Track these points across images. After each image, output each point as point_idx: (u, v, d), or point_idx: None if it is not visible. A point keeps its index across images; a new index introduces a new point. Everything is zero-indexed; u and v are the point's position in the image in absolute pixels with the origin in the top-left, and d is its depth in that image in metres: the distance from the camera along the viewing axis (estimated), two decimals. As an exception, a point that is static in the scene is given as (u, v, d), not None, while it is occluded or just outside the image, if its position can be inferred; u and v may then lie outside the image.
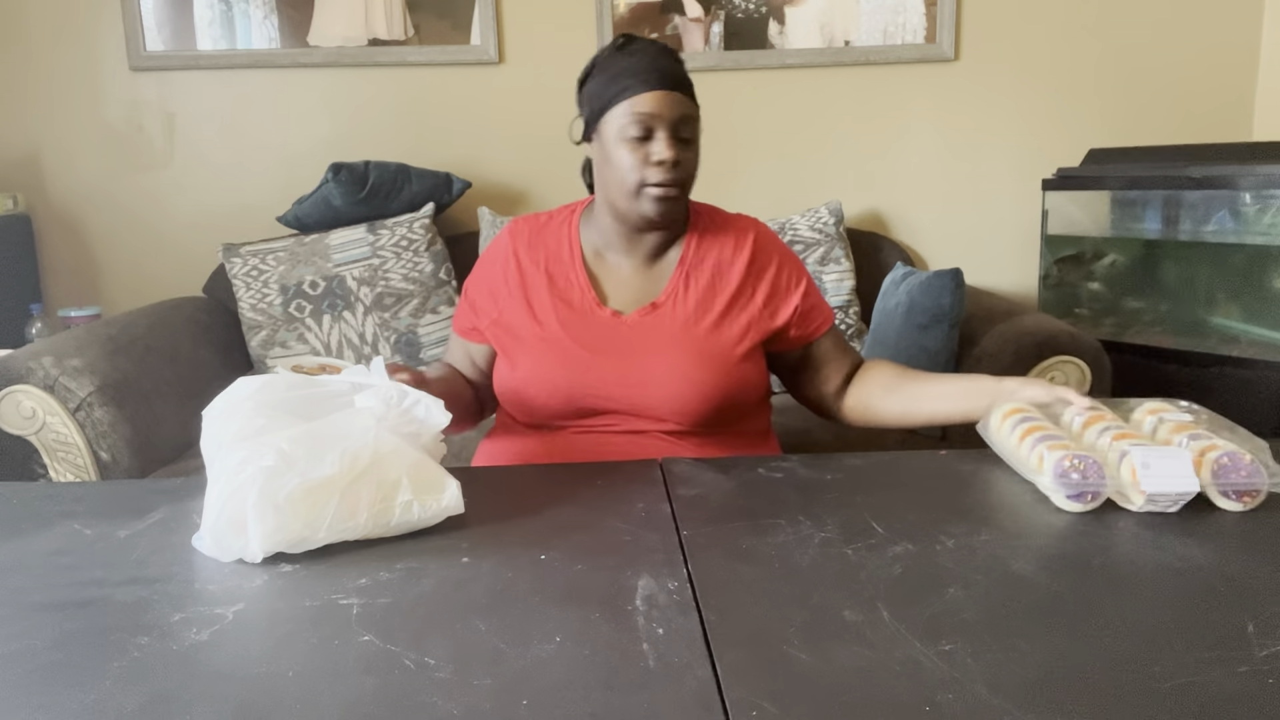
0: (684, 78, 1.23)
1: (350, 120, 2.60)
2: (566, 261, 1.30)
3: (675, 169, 1.19)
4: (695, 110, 1.23)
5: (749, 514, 0.94)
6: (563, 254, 1.31)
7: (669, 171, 1.19)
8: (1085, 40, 2.62)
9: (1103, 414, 1.04)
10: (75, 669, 0.67)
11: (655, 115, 1.19)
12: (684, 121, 1.20)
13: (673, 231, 1.30)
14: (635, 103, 1.19)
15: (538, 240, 1.33)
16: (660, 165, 1.19)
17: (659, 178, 1.19)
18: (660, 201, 1.21)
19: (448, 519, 0.92)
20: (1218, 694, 0.61)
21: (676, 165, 1.19)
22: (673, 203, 1.22)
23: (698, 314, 1.26)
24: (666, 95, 1.19)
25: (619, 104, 1.20)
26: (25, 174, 2.58)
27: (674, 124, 1.20)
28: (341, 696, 0.63)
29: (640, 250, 1.30)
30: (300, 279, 2.28)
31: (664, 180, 1.19)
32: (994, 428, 1.07)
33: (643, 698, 0.62)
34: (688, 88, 1.23)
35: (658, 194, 1.20)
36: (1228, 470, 0.92)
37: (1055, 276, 2.50)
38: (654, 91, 1.19)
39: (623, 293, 1.29)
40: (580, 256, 1.31)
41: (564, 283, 1.29)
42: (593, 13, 2.53)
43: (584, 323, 1.26)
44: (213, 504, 0.85)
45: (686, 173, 1.22)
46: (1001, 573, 0.79)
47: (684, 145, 1.21)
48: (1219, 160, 2.22)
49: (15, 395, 1.77)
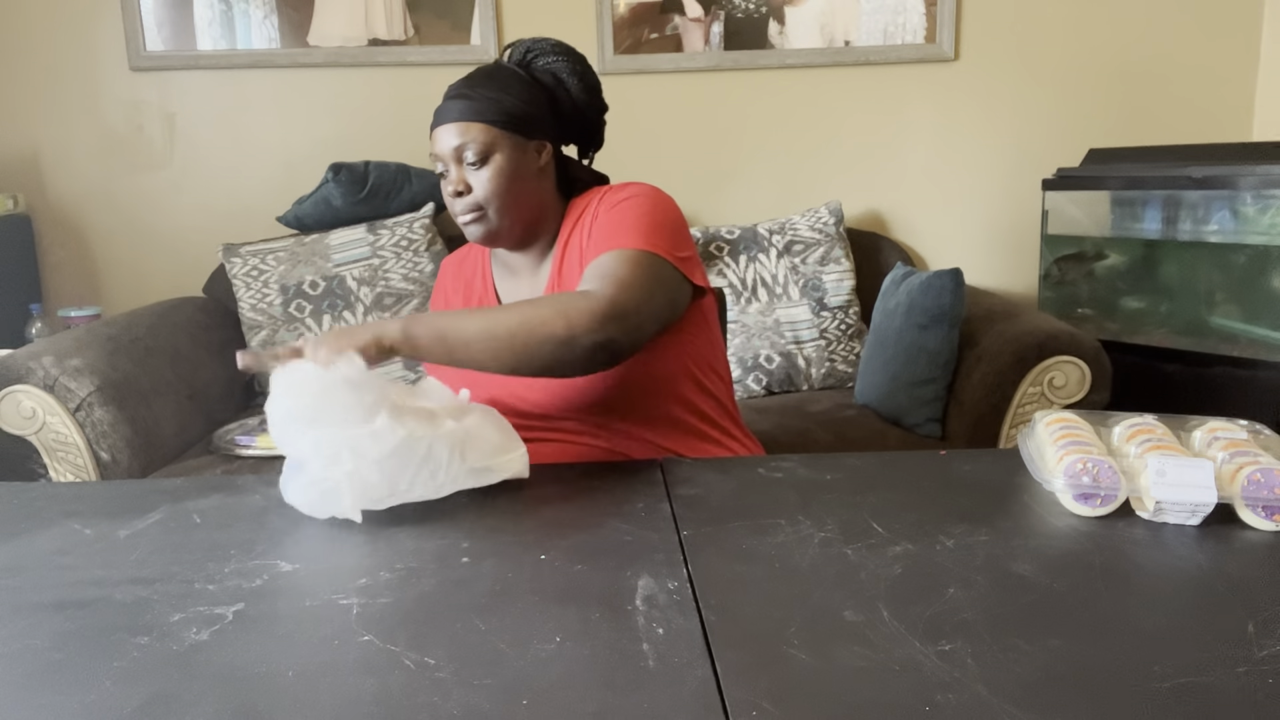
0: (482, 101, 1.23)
1: (350, 120, 2.60)
2: (480, 284, 1.37)
3: (468, 196, 1.24)
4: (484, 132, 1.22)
5: (749, 514, 0.93)
6: (476, 278, 1.38)
7: (464, 199, 1.24)
8: (1085, 40, 2.62)
9: (1151, 429, 1.02)
10: (75, 669, 0.67)
11: (439, 155, 1.25)
12: (464, 148, 1.23)
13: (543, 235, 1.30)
14: (432, 142, 1.27)
15: (460, 272, 1.42)
16: (456, 196, 1.24)
17: (459, 208, 1.25)
18: (471, 228, 1.26)
19: (448, 521, 0.92)
20: (1218, 694, 0.61)
21: (463, 194, 1.24)
22: (483, 226, 1.25)
23: None
24: (445, 130, 1.24)
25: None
26: (25, 174, 2.58)
27: (453, 156, 1.24)
28: (341, 696, 0.63)
29: (522, 264, 1.33)
30: (300, 279, 2.28)
31: (462, 209, 1.24)
32: (1037, 434, 1.06)
33: (643, 698, 0.62)
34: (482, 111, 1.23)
35: (465, 221, 1.26)
36: (1259, 486, 0.88)
37: (1055, 276, 2.51)
38: (436, 129, 1.25)
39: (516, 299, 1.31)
40: (490, 276, 1.37)
41: (477, 302, 1.35)
42: (593, 13, 2.53)
43: None
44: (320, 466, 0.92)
45: (486, 194, 1.23)
46: (1001, 573, 0.79)
47: (474, 169, 1.23)
48: (1219, 160, 2.22)
49: (15, 395, 1.77)
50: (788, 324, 2.32)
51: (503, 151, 1.23)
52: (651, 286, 1.15)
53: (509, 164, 1.23)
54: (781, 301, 2.33)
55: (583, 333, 1.06)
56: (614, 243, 1.18)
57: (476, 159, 1.22)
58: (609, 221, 1.22)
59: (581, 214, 1.29)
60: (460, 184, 1.23)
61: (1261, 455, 0.92)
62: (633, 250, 1.16)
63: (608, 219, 1.22)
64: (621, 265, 1.14)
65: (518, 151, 1.24)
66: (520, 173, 1.24)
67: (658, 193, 1.27)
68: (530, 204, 1.27)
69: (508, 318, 1.07)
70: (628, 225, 1.19)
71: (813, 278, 2.35)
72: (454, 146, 1.23)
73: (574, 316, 1.06)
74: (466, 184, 1.23)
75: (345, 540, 0.90)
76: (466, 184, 1.23)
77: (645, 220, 1.20)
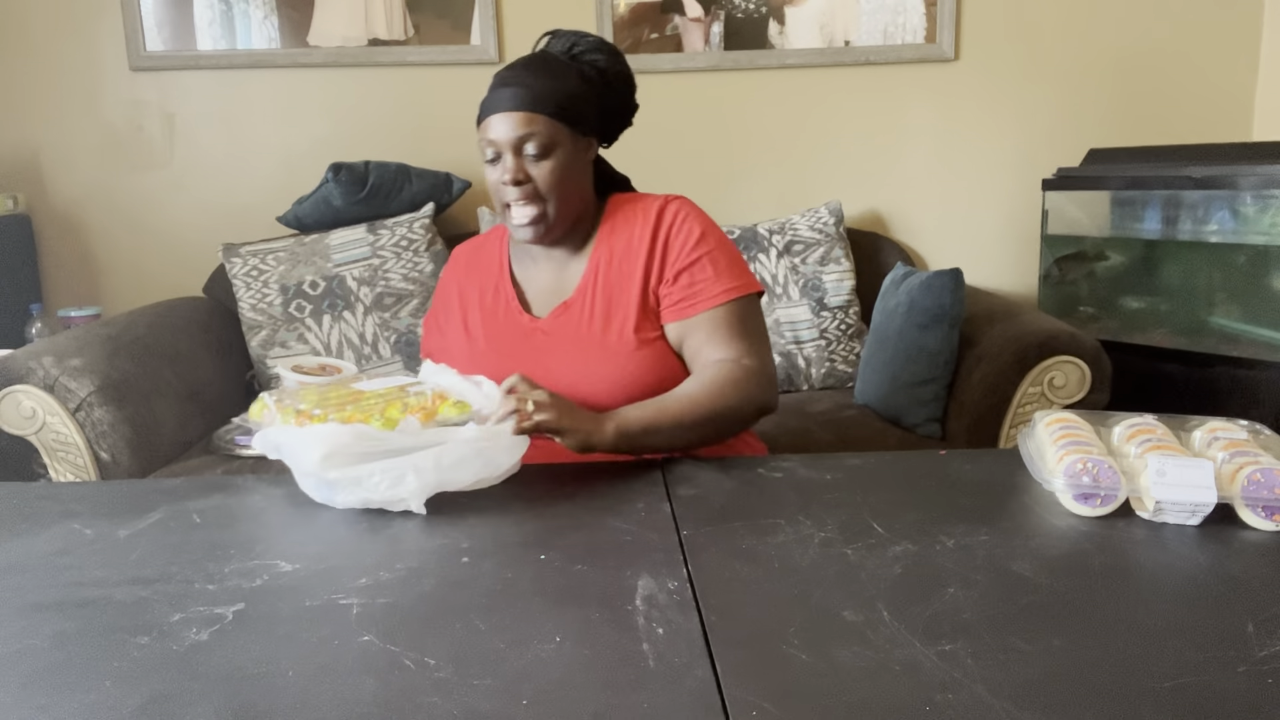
0: (544, 92, 1.23)
1: (350, 120, 2.60)
2: (496, 275, 1.36)
3: (521, 187, 1.23)
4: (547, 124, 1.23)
5: (749, 514, 0.93)
6: (493, 269, 1.37)
7: (516, 191, 1.23)
8: (1085, 40, 2.62)
9: (1152, 429, 1.02)
10: (75, 669, 0.67)
11: (495, 142, 1.24)
12: (527, 138, 1.22)
13: (580, 231, 1.31)
14: (485, 125, 1.25)
15: (474, 261, 1.40)
16: (507, 184, 1.23)
17: (514, 195, 1.23)
18: (523, 215, 1.24)
19: (447, 521, 0.92)
20: (1218, 694, 0.61)
21: (522, 183, 1.22)
22: (532, 220, 1.24)
23: (605, 307, 1.26)
24: (507, 117, 1.22)
25: (480, 124, 1.26)
26: (25, 174, 2.58)
27: (514, 144, 1.22)
28: (341, 696, 0.63)
29: (554, 253, 1.32)
30: (300, 279, 2.28)
31: (519, 197, 1.23)
32: (1037, 434, 1.06)
33: (643, 698, 0.62)
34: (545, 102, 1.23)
35: (520, 210, 1.24)
36: (1259, 486, 0.88)
37: (1055, 276, 2.51)
38: (496, 115, 1.23)
39: (543, 297, 1.32)
40: (508, 268, 1.35)
41: (493, 296, 1.34)
42: (593, 13, 2.53)
43: (506, 332, 1.30)
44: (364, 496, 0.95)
45: (539, 189, 1.23)
46: (1001, 573, 0.79)
47: (532, 161, 1.23)
48: (1219, 160, 2.22)
49: (15, 395, 1.77)
50: (788, 324, 2.32)
51: (563, 145, 1.24)
52: (765, 329, 1.30)
53: (568, 158, 1.25)
54: (781, 301, 2.33)
55: (760, 407, 1.22)
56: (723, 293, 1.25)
57: (539, 151, 1.23)
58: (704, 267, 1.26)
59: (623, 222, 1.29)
60: (519, 173, 1.22)
61: (1261, 455, 0.92)
62: (743, 299, 1.26)
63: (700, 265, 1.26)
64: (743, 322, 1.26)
65: (574, 145, 1.26)
66: (575, 167, 1.27)
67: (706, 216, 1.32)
68: (580, 199, 1.29)
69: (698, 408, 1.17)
70: (723, 269, 1.27)
71: (813, 278, 2.35)
72: (517, 136, 1.22)
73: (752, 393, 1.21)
74: (526, 173, 1.23)
75: (345, 540, 0.90)
76: (526, 173, 1.23)
77: (729, 256, 1.28)
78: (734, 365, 1.22)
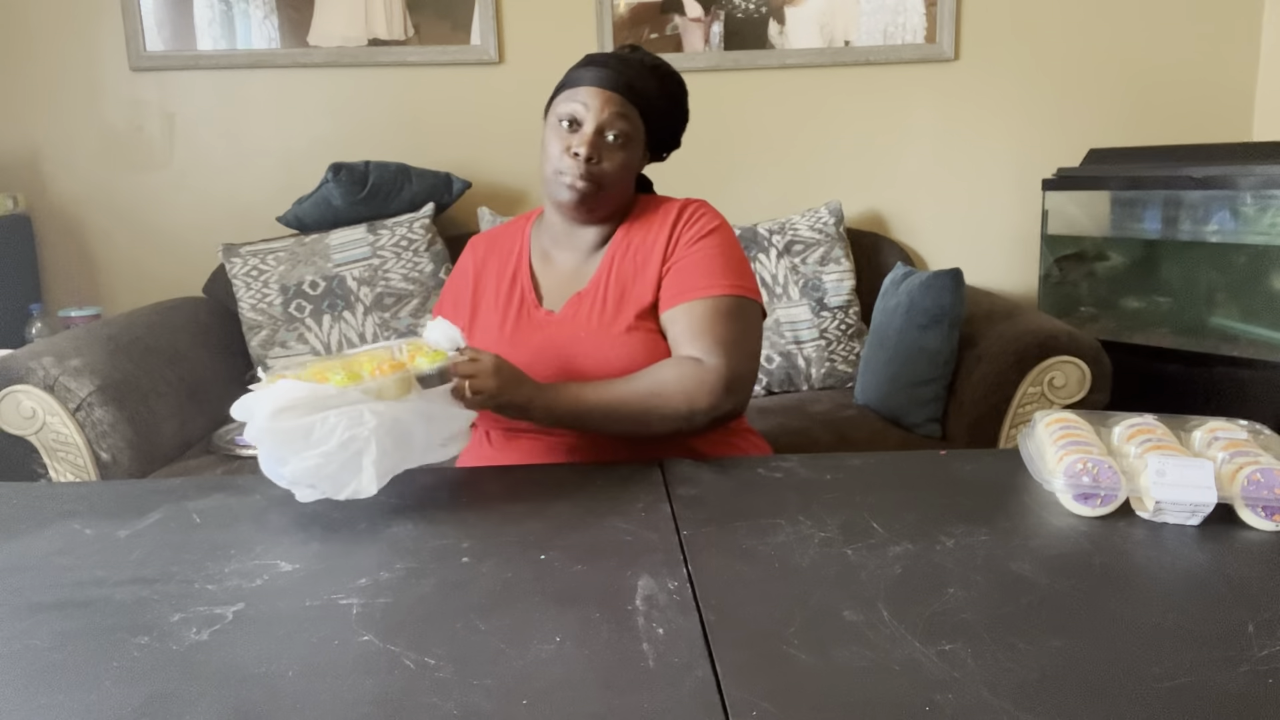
0: (639, 88, 1.26)
1: (350, 120, 2.60)
2: (515, 265, 1.35)
3: (589, 163, 1.23)
4: (634, 120, 1.26)
5: (749, 514, 0.93)
6: (512, 258, 1.36)
7: (581, 164, 1.23)
8: (1085, 40, 2.62)
9: (1152, 429, 1.02)
10: (75, 669, 0.67)
11: (577, 112, 1.24)
12: (614, 122, 1.23)
13: (609, 224, 1.32)
14: (573, 93, 1.25)
15: (493, 249, 1.39)
16: (575, 157, 1.23)
17: (576, 168, 1.23)
18: (570, 190, 1.24)
19: (447, 521, 0.92)
20: (1218, 694, 0.61)
21: (590, 160, 1.23)
22: (581, 194, 1.24)
23: (618, 297, 1.27)
24: (603, 94, 1.23)
25: (563, 92, 1.27)
26: (25, 174, 2.58)
27: (601, 122, 1.23)
28: (341, 696, 0.63)
29: (577, 244, 1.32)
30: (300, 279, 2.28)
31: (578, 172, 1.23)
32: (1037, 434, 1.06)
33: (643, 698, 0.62)
34: (638, 97, 1.25)
35: (567, 181, 1.23)
36: (1259, 486, 0.88)
37: (1055, 276, 2.50)
38: (593, 88, 1.24)
39: (558, 289, 1.32)
40: (527, 259, 1.35)
41: (509, 286, 1.34)
42: (593, 13, 2.52)
43: (520, 324, 1.30)
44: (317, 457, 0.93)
45: (604, 172, 1.24)
46: (1001, 573, 0.79)
47: (609, 146, 1.24)
48: (1219, 160, 2.21)
49: (15, 395, 1.77)
50: (788, 324, 2.32)
51: (636, 144, 1.28)
52: (753, 336, 1.25)
53: (634, 158, 1.28)
54: (781, 301, 2.33)
55: (704, 410, 1.16)
56: (709, 286, 1.22)
57: (619, 138, 1.24)
58: (698, 261, 1.25)
59: (643, 218, 1.31)
60: (593, 148, 1.23)
61: (1261, 455, 0.92)
62: (731, 298, 1.22)
63: (695, 257, 1.25)
64: (723, 321, 1.20)
65: (641, 149, 1.30)
66: (634, 169, 1.30)
67: (720, 219, 1.31)
68: (625, 197, 1.31)
69: (633, 396, 1.15)
70: (717, 267, 1.24)
71: (813, 278, 2.35)
72: (607, 115, 1.23)
73: (695, 394, 1.15)
74: (599, 151, 1.24)
75: (345, 540, 0.90)
76: (599, 151, 1.24)
77: (731, 259, 1.26)
78: (693, 365, 1.18)
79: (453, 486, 1.06)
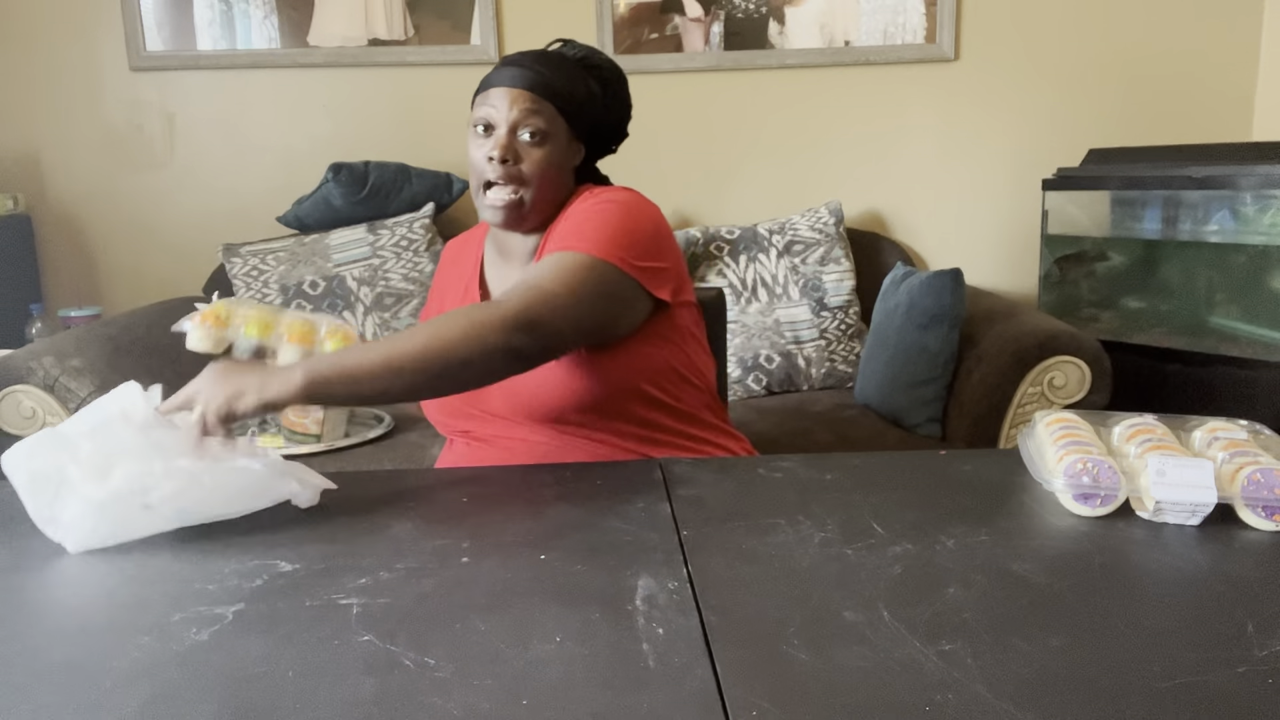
0: (552, 82, 1.21)
1: (350, 120, 2.60)
2: (469, 273, 1.34)
3: (504, 165, 1.19)
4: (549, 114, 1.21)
5: (749, 514, 0.93)
6: (468, 267, 1.35)
7: (499, 167, 1.19)
8: (1085, 40, 2.62)
9: (1152, 429, 1.01)
10: (75, 669, 0.67)
11: (489, 117, 1.21)
12: (526, 119, 1.19)
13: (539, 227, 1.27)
14: (484, 97, 1.22)
15: (456, 257, 1.39)
16: (491, 162, 1.19)
17: (496, 174, 1.19)
18: (492, 209, 1.20)
19: (447, 521, 0.92)
20: (1218, 694, 0.61)
21: (506, 163, 1.19)
22: (514, 200, 1.20)
23: None
24: (511, 93, 1.20)
25: (476, 97, 1.24)
26: (25, 174, 2.58)
27: (513, 121, 1.20)
28: (341, 696, 0.63)
29: (518, 249, 1.28)
30: (300, 279, 2.28)
31: (500, 176, 1.19)
32: (1037, 434, 1.05)
33: (643, 698, 0.62)
34: (551, 92, 1.21)
35: (498, 189, 1.20)
36: (1259, 486, 0.88)
37: (1055, 276, 2.50)
38: (502, 88, 1.21)
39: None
40: (480, 266, 1.33)
41: (463, 294, 1.33)
42: (593, 13, 2.53)
43: None
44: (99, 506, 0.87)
45: (524, 173, 1.20)
46: (1001, 573, 0.79)
47: (525, 145, 1.20)
48: (1219, 160, 2.22)
49: (15, 395, 1.77)
50: (788, 324, 2.32)
51: (557, 140, 1.23)
52: (582, 293, 1.11)
53: (558, 153, 1.23)
54: (781, 301, 2.33)
55: (490, 349, 1.03)
56: (565, 245, 1.16)
57: (535, 136, 1.20)
58: (573, 225, 1.20)
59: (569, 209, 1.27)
60: (508, 151, 1.19)
61: (1261, 455, 0.92)
62: (578, 255, 1.14)
63: (572, 221, 1.20)
64: (553, 271, 1.12)
65: (567, 144, 1.25)
66: (562, 165, 1.25)
67: (638, 199, 1.24)
68: (557, 196, 1.26)
69: (410, 346, 1.01)
70: (588, 230, 1.17)
71: (813, 278, 2.35)
72: (518, 113, 1.19)
73: (475, 335, 1.03)
74: (515, 153, 1.20)
75: (345, 540, 0.90)
76: (515, 153, 1.20)
77: (610, 226, 1.17)
78: (488, 306, 1.06)
79: (453, 486, 1.06)
